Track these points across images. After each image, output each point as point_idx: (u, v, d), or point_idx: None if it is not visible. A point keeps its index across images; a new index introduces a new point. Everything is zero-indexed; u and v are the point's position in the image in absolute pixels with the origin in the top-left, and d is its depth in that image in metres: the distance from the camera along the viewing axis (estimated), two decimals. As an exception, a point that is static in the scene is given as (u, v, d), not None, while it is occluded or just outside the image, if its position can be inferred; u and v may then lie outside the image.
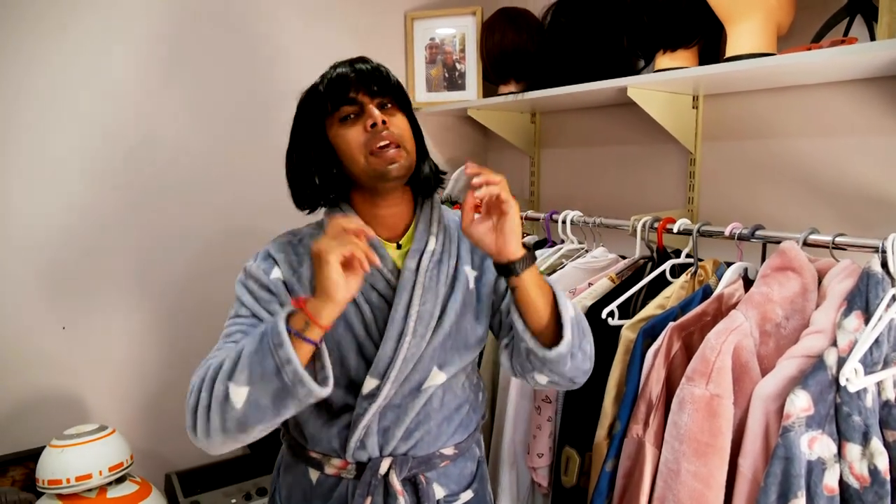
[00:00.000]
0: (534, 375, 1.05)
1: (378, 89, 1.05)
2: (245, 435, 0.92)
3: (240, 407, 0.89)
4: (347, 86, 1.04)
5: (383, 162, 1.02)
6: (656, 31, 1.47)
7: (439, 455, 1.12)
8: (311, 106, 1.09)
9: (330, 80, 1.06)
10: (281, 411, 0.90)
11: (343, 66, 1.06)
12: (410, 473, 1.09)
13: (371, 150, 1.02)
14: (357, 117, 1.05)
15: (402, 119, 1.07)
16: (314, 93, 1.09)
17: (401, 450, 1.09)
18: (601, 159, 1.97)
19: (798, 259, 1.11)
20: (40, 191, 1.63)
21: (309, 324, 0.90)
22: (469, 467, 1.18)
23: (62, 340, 1.70)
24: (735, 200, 1.59)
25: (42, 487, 1.42)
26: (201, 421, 0.92)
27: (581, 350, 1.02)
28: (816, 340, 1.03)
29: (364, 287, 1.07)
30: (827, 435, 0.98)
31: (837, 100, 1.38)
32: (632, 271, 1.48)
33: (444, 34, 2.13)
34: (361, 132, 1.03)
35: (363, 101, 1.04)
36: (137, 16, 1.73)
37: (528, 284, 0.97)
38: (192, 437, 0.95)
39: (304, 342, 0.90)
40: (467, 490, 1.17)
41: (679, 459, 1.07)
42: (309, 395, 0.90)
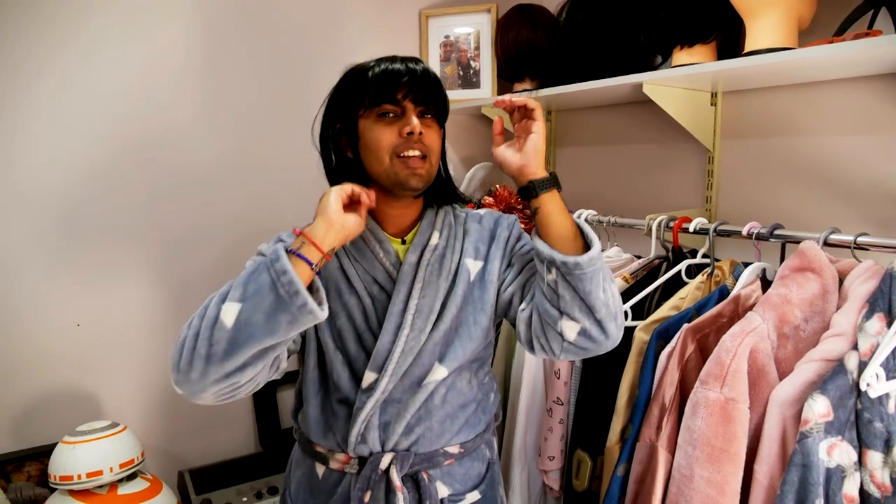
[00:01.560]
0: (561, 327, 0.97)
1: (425, 98, 1.04)
2: (230, 362, 0.88)
3: (230, 325, 0.88)
4: (396, 85, 1.02)
5: (406, 169, 1.03)
6: (673, 26, 1.44)
7: (443, 453, 1.11)
8: (351, 88, 1.07)
9: (380, 74, 1.03)
10: (273, 329, 0.88)
11: (397, 62, 1.04)
12: (412, 470, 1.08)
13: (398, 153, 1.03)
14: (395, 118, 1.04)
15: (436, 133, 1.07)
16: (359, 76, 1.06)
17: (402, 445, 1.08)
18: (617, 158, 1.93)
19: (818, 259, 1.08)
20: (56, 189, 1.65)
21: (305, 243, 0.93)
22: (477, 468, 1.16)
23: (77, 338, 1.71)
24: (754, 200, 1.55)
25: (54, 483, 1.43)
26: (186, 351, 0.89)
27: (612, 292, 0.98)
28: (836, 344, 0.99)
29: (366, 279, 1.09)
30: (847, 442, 0.94)
31: (861, 95, 1.34)
32: (646, 271, 1.45)
33: (459, 32, 2.11)
34: (395, 135, 1.03)
35: (407, 105, 1.03)
36: (160, 13, 1.73)
37: (548, 206, 0.99)
38: (175, 374, 0.91)
39: (302, 261, 0.91)
40: (473, 491, 1.15)
41: (692, 465, 1.04)
42: (304, 308, 0.88)
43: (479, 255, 1.13)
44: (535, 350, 1.04)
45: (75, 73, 1.64)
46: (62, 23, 1.62)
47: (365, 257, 1.09)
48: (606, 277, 0.98)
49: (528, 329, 1.04)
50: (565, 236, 0.98)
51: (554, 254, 0.96)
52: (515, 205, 1.78)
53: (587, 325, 0.96)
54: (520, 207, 1.79)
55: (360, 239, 1.10)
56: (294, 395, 1.21)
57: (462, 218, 1.18)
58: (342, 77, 1.10)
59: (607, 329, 0.97)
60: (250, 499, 1.73)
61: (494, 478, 1.21)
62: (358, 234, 1.01)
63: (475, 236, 1.14)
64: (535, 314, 1.02)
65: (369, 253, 1.09)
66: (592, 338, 0.98)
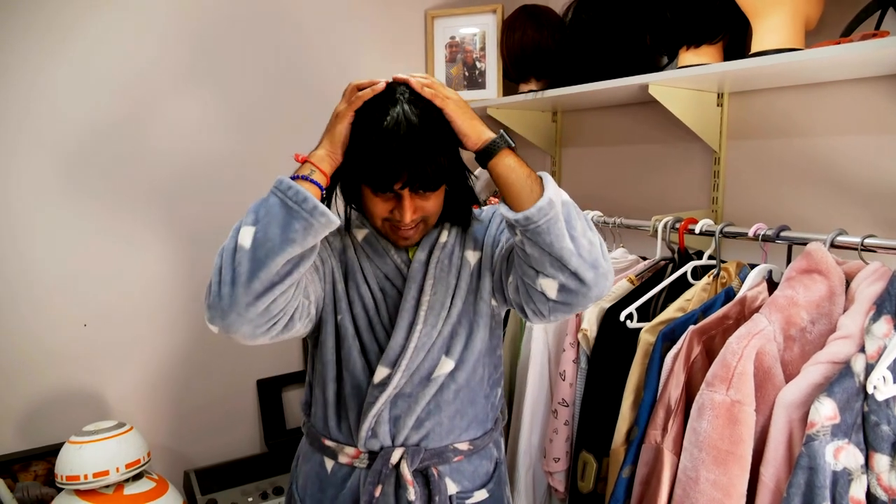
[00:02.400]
0: (540, 285, 0.95)
1: (423, 186, 1.00)
2: (256, 282, 0.89)
3: (249, 245, 0.89)
4: (392, 178, 0.97)
5: (397, 237, 1.07)
6: (679, 26, 1.44)
7: (452, 449, 1.12)
8: (353, 153, 1.01)
9: (376, 156, 0.96)
10: (290, 237, 0.89)
11: (395, 140, 0.95)
12: (422, 465, 1.09)
13: (391, 226, 1.06)
14: (392, 196, 1.02)
15: (435, 200, 1.05)
16: (361, 148, 0.99)
17: (412, 440, 1.09)
18: (623, 159, 1.93)
19: (825, 261, 1.07)
20: (63, 189, 1.65)
21: (314, 170, 0.96)
22: (485, 466, 1.17)
23: (84, 338, 1.72)
24: (761, 201, 1.55)
25: (61, 483, 1.44)
26: (214, 285, 0.92)
27: (587, 239, 0.95)
28: (843, 346, 0.99)
29: (378, 276, 1.11)
30: (854, 444, 0.94)
31: (868, 96, 1.33)
32: (652, 273, 1.45)
33: (465, 32, 2.11)
34: (388, 212, 1.03)
35: (402, 193, 1.00)
36: (166, 15, 1.74)
37: (497, 168, 0.97)
38: (209, 314, 0.92)
39: (308, 182, 0.95)
40: (482, 489, 1.15)
41: (698, 467, 1.03)
42: (315, 211, 0.90)
43: (476, 246, 1.14)
44: (529, 315, 1.03)
45: (80, 69, 1.65)
46: (67, 19, 1.62)
47: (377, 254, 1.12)
48: (575, 225, 0.94)
49: (518, 296, 1.02)
50: (525, 192, 0.95)
51: (509, 213, 0.95)
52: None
53: (562, 279, 0.94)
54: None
55: (373, 236, 1.12)
56: (305, 387, 1.22)
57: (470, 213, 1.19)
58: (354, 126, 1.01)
59: (584, 278, 0.93)
60: (256, 499, 1.73)
61: (501, 477, 1.21)
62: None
63: (474, 231, 1.16)
64: (518, 280, 1.01)
65: (381, 249, 1.12)
66: (572, 290, 0.94)
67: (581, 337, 1.37)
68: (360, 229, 1.15)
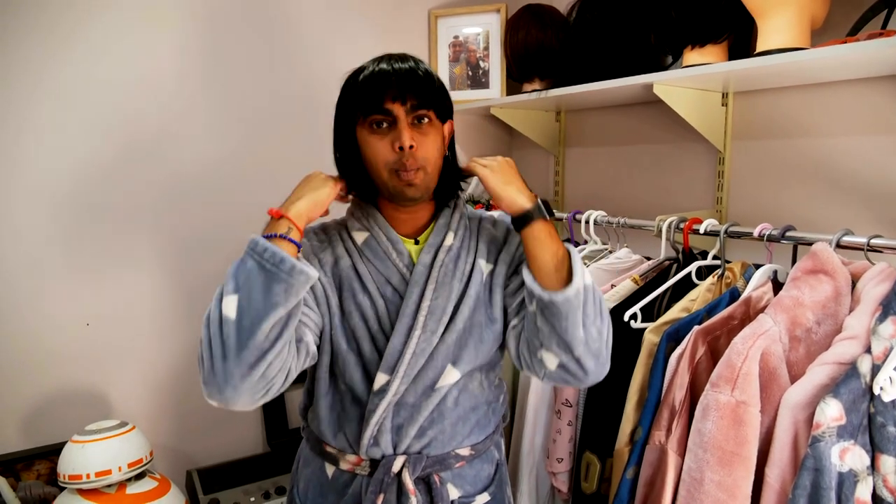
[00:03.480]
0: (541, 356, 0.99)
1: (416, 102, 1.00)
2: (247, 352, 0.88)
3: (234, 316, 0.88)
4: (383, 92, 0.99)
5: (402, 183, 1.02)
6: (684, 25, 1.43)
7: (454, 455, 1.10)
8: (345, 99, 1.06)
9: (367, 79, 1.01)
10: (273, 301, 0.88)
11: (384, 62, 1.01)
12: (424, 473, 1.08)
13: (394, 169, 1.01)
14: (389, 128, 1.01)
15: (433, 138, 1.03)
16: (352, 82, 1.04)
17: (414, 448, 1.07)
18: (627, 159, 1.92)
19: (831, 261, 1.06)
20: (66, 189, 1.65)
21: (291, 228, 0.96)
22: (486, 469, 1.16)
23: (87, 337, 1.72)
24: (765, 201, 1.54)
25: (63, 482, 1.44)
26: (206, 361, 0.90)
27: (596, 328, 0.98)
28: (849, 347, 0.98)
29: (379, 280, 1.08)
30: (860, 446, 0.93)
31: (874, 96, 1.32)
32: (656, 273, 1.44)
33: (468, 32, 2.11)
34: (389, 149, 1.01)
35: (398, 114, 1.00)
36: (167, 15, 1.74)
37: (529, 239, 1.00)
38: (206, 389, 0.92)
39: (284, 240, 0.94)
40: (483, 493, 1.14)
41: (703, 468, 1.03)
42: (293, 270, 0.89)
43: (490, 258, 1.12)
44: (522, 368, 1.06)
45: (83, 71, 1.65)
46: (71, 21, 1.62)
47: (378, 258, 1.09)
48: (589, 314, 0.97)
49: (517, 346, 1.06)
50: (548, 269, 0.98)
51: (534, 286, 0.97)
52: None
53: (565, 360, 0.97)
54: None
55: (374, 240, 1.09)
56: (303, 393, 1.20)
57: (476, 218, 1.17)
58: (342, 87, 1.08)
59: (585, 366, 0.97)
60: (258, 499, 1.73)
61: (503, 479, 1.21)
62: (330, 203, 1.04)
63: (487, 238, 1.14)
64: (523, 339, 1.04)
65: (382, 253, 1.09)
66: (571, 372, 0.98)
67: (585, 337, 1.36)
68: (360, 232, 1.11)
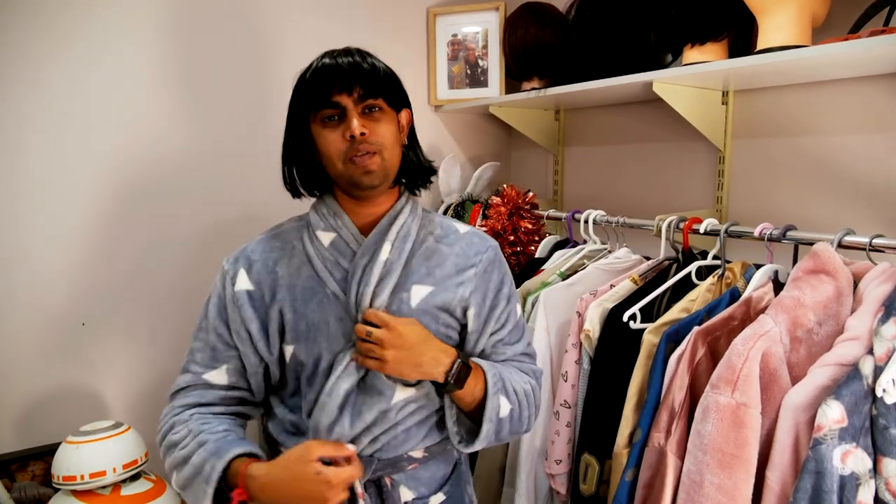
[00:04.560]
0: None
1: (363, 91, 1.00)
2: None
3: (178, 486, 1.01)
4: (330, 85, 1.00)
5: (358, 170, 1.01)
6: (684, 23, 1.42)
7: (407, 458, 1.08)
8: (297, 96, 1.07)
9: (314, 74, 1.02)
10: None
11: (329, 57, 1.03)
12: (374, 476, 1.06)
13: (349, 157, 1.01)
14: (339, 120, 1.02)
15: (386, 124, 1.03)
16: (301, 82, 1.06)
17: (365, 451, 1.05)
18: (627, 158, 1.91)
19: (832, 261, 1.05)
20: (59, 189, 1.64)
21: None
22: (442, 470, 1.14)
23: (82, 337, 1.71)
24: (766, 200, 1.53)
25: (57, 483, 1.42)
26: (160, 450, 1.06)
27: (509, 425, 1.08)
28: (851, 348, 0.97)
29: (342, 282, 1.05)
30: (861, 449, 0.92)
31: (875, 94, 1.31)
32: (656, 273, 1.43)
33: (467, 30, 2.09)
34: (340, 139, 1.01)
35: (346, 105, 1.00)
36: (146, 17, 1.72)
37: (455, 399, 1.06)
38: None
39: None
40: (438, 493, 1.13)
41: (702, 470, 1.02)
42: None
43: (431, 280, 1.07)
44: None
45: (63, 82, 1.63)
46: (68, 19, 1.61)
47: (346, 258, 1.06)
48: (503, 428, 1.07)
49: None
50: (468, 410, 1.07)
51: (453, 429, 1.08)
52: (523, 205, 1.76)
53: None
54: (527, 207, 1.77)
55: (342, 241, 1.07)
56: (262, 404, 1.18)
57: (437, 232, 1.12)
58: (293, 87, 1.08)
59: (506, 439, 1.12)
60: (254, 500, 1.71)
61: (460, 477, 1.18)
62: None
63: (438, 259, 1.09)
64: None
65: (351, 255, 1.06)
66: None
67: (584, 338, 1.35)
68: (327, 232, 1.08)
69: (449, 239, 1.12)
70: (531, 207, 1.78)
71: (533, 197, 1.79)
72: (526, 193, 1.78)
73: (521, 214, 1.75)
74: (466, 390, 1.02)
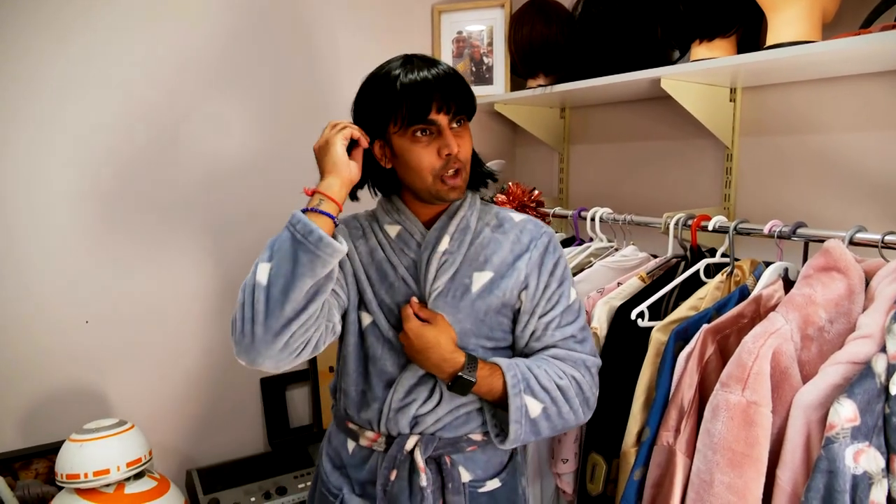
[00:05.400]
0: None
1: (457, 108, 1.04)
2: (274, 319, 0.94)
3: (265, 282, 0.94)
4: (429, 103, 1.01)
5: (446, 188, 1.07)
6: (692, 19, 1.41)
7: (467, 440, 1.13)
8: (379, 101, 1.06)
9: (410, 88, 1.02)
10: (299, 271, 0.93)
11: (423, 69, 1.03)
12: (436, 453, 1.11)
13: (440, 176, 1.05)
14: (432, 136, 1.04)
15: (468, 139, 1.09)
16: (387, 88, 1.04)
17: (429, 429, 1.11)
18: (633, 155, 1.90)
19: (844, 259, 1.04)
20: (63, 187, 1.64)
21: (322, 199, 0.99)
22: (499, 457, 1.19)
23: (86, 335, 1.70)
24: (775, 198, 1.52)
25: (61, 481, 1.42)
26: (237, 322, 0.97)
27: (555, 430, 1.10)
28: (863, 346, 0.96)
29: (411, 269, 1.12)
30: (874, 447, 0.91)
31: (886, 91, 1.30)
32: (663, 271, 1.42)
33: (472, 27, 2.09)
34: (435, 156, 1.04)
35: (442, 124, 1.03)
36: (170, 15, 1.72)
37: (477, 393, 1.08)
38: (236, 349, 0.99)
39: (319, 214, 0.98)
40: (494, 479, 1.17)
41: (712, 470, 1.01)
42: (320, 242, 0.94)
43: (490, 266, 1.12)
44: None
45: (88, 64, 1.63)
46: (72, 13, 1.61)
47: (410, 249, 1.13)
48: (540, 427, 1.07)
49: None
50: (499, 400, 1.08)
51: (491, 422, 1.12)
52: (528, 203, 1.75)
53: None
54: (532, 205, 1.76)
55: (406, 232, 1.13)
56: (335, 374, 1.24)
57: (492, 222, 1.17)
58: (365, 85, 1.10)
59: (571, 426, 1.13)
60: (258, 498, 1.71)
61: (517, 468, 1.22)
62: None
63: (494, 247, 1.14)
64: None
65: (415, 245, 1.13)
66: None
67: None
68: (392, 226, 1.15)
69: (504, 227, 1.16)
70: (537, 205, 1.77)
71: (538, 195, 1.78)
72: (531, 191, 1.77)
73: (527, 212, 1.74)
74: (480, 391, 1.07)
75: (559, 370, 1.09)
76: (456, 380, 1.04)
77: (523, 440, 1.07)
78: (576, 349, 1.13)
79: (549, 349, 1.12)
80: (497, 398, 1.06)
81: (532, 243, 1.14)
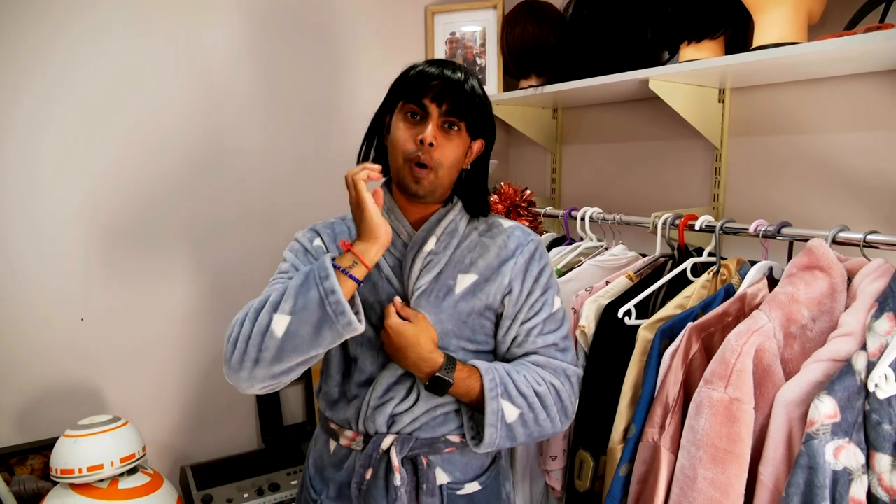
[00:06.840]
0: None
1: (450, 107, 1.05)
2: (277, 367, 0.97)
3: (280, 335, 0.96)
4: (426, 89, 1.05)
5: (410, 176, 1.07)
6: (680, 21, 1.42)
7: (444, 441, 1.12)
8: (395, 83, 1.12)
9: (418, 74, 1.07)
10: (317, 342, 0.97)
11: (436, 66, 1.08)
12: (412, 454, 1.11)
13: (409, 158, 1.06)
14: (418, 121, 1.06)
15: (455, 146, 1.08)
16: (403, 73, 1.11)
17: (406, 429, 1.10)
18: (624, 155, 1.91)
19: (826, 258, 1.05)
20: (59, 186, 1.65)
21: (356, 263, 0.99)
22: (479, 460, 1.17)
23: (81, 332, 1.71)
24: (763, 198, 1.53)
25: (56, 477, 1.43)
26: (238, 352, 0.98)
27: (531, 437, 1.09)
28: (844, 343, 0.97)
29: (395, 267, 1.13)
30: (854, 444, 0.92)
31: (871, 91, 1.31)
32: (651, 269, 1.43)
33: (465, 28, 2.10)
34: (411, 139, 1.06)
35: (430, 111, 1.05)
36: (176, 30, 1.74)
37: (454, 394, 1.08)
38: (227, 369, 1.00)
39: (349, 279, 0.98)
40: (474, 482, 1.16)
41: (696, 466, 1.02)
42: (348, 326, 0.96)
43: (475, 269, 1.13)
44: None
45: (87, 66, 1.64)
46: (90, 14, 1.62)
47: (397, 248, 1.13)
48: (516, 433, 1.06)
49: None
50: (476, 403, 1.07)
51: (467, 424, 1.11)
52: (520, 203, 1.77)
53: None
54: (524, 205, 1.77)
55: (394, 231, 1.13)
56: (319, 377, 1.24)
57: (481, 226, 1.17)
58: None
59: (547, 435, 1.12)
60: (251, 495, 1.72)
61: (499, 472, 1.21)
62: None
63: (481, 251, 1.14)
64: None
65: (402, 245, 1.13)
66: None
67: (579, 333, 1.35)
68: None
69: (492, 232, 1.17)
70: (528, 205, 1.78)
71: (530, 195, 1.79)
72: (523, 191, 1.78)
73: (518, 212, 1.76)
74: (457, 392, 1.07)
75: (538, 377, 1.08)
76: (433, 380, 1.04)
77: (499, 445, 1.06)
78: (557, 357, 1.12)
79: (531, 356, 1.12)
80: (474, 401, 1.06)
81: (518, 249, 1.14)
